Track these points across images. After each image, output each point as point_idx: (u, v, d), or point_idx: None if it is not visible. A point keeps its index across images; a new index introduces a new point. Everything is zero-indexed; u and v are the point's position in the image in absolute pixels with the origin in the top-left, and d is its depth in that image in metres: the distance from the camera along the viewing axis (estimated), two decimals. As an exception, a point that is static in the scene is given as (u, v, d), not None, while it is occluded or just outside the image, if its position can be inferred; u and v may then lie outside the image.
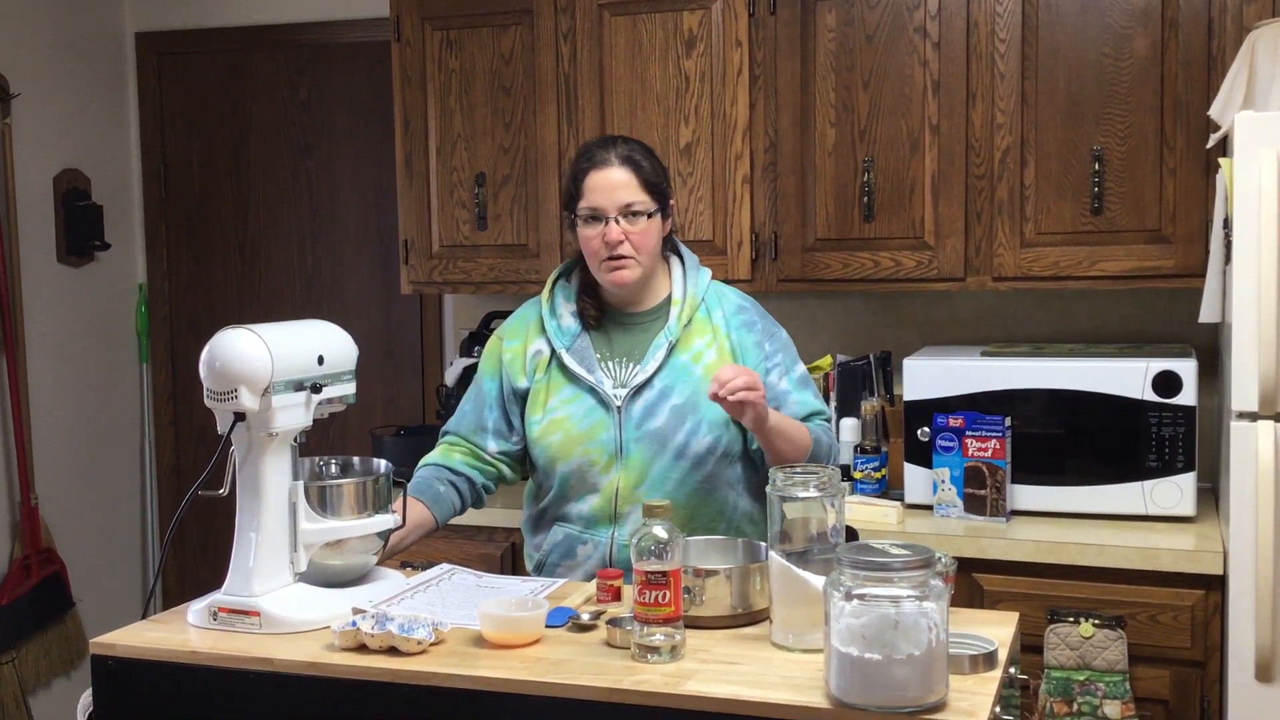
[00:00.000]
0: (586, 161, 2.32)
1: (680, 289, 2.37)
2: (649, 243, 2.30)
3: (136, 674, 1.95)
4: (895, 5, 3.09)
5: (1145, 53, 2.92)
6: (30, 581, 3.83)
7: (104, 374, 4.23)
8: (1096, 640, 2.63)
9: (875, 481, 3.12)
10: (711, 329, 2.36)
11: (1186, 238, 2.92)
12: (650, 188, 2.30)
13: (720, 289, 2.43)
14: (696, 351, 2.33)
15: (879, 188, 3.14)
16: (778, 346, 2.39)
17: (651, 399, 2.30)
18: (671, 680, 1.73)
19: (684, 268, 2.41)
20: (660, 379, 2.31)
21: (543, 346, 2.38)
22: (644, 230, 2.29)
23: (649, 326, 2.37)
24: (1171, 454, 2.83)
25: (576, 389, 2.33)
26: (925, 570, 1.62)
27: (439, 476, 2.39)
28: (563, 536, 2.36)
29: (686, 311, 2.34)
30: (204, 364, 1.99)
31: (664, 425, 2.28)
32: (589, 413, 2.31)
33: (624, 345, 2.36)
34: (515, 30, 3.41)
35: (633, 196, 2.28)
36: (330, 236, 4.17)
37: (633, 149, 2.33)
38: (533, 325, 2.41)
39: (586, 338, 2.37)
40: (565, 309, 2.40)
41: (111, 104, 4.26)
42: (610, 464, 2.30)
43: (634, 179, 2.29)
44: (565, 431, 2.32)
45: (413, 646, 1.84)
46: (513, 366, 2.40)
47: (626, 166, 2.29)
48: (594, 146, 2.35)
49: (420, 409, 4.08)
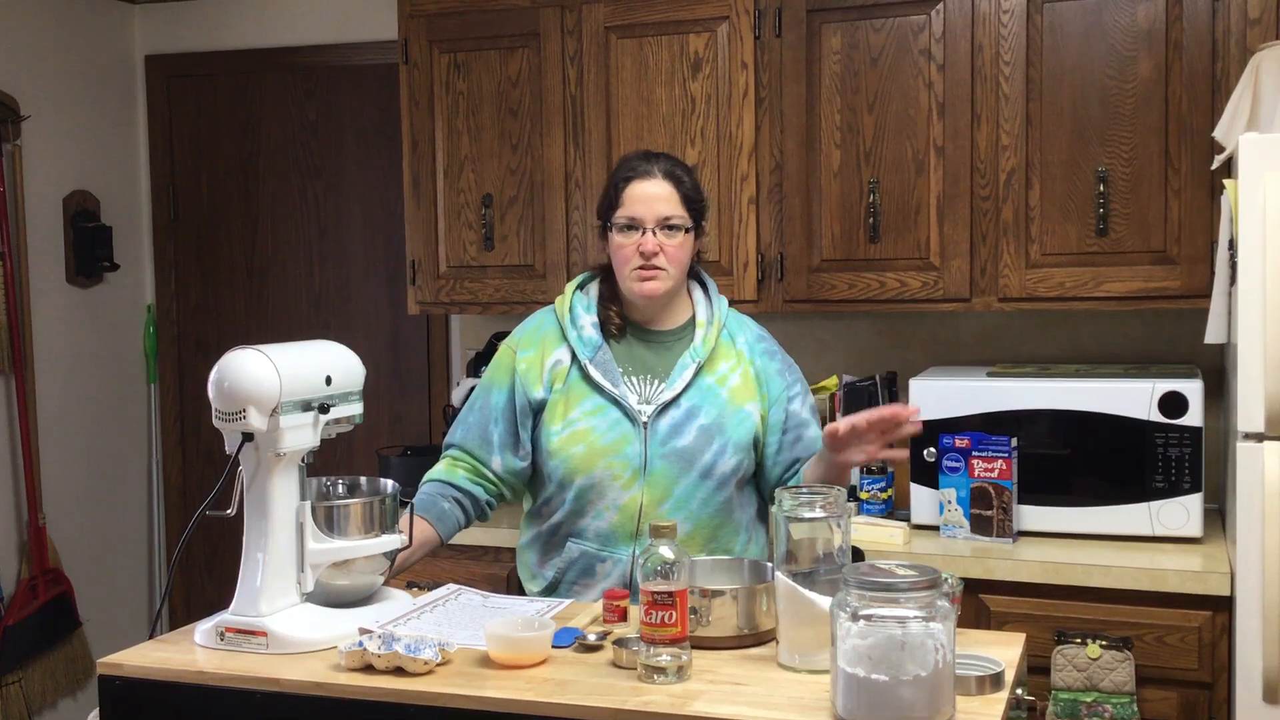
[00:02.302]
0: (630, 171, 2.34)
1: (705, 312, 2.38)
2: (682, 257, 2.31)
3: (143, 694, 1.95)
4: (900, 28, 3.11)
5: (1149, 75, 2.93)
6: (37, 601, 3.83)
7: (112, 394, 4.24)
8: (1104, 661, 2.62)
9: (881, 502, 3.11)
10: (736, 354, 2.36)
11: (1191, 259, 2.92)
12: (689, 204, 2.32)
13: (740, 317, 2.44)
14: (721, 375, 2.33)
15: (884, 209, 3.15)
16: (795, 377, 2.41)
17: (678, 418, 2.29)
18: (678, 701, 1.73)
19: (706, 293, 2.42)
20: (687, 398, 2.30)
21: (562, 356, 2.35)
22: (679, 244, 2.30)
23: (672, 345, 2.36)
24: (1178, 475, 2.83)
25: (600, 401, 2.31)
26: (932, 591, 1.62)
27: (443, 493, 2.38)
28: (579, 554, 2.33)
29: (713, 334, 2.35)
30: (212, 384, 2.00)
31: (691, 444, 2.28)
32: (613, 426, 2.29)
33: (647, 361, 2.35)
34: (522, 53, 3.43)
35: (672, 210, 2.29)
36: (338, 257, 4.19)
37: (675, 165, 2.35)
38: (549, 335, 2.38)
39: (608, 350, 2.34)
40: (585, 319, 2.37)
41: (121, 126, 4.28)
42: (633, 480, 2.28)
43: (675, 193, 2.30)
44: (589, 444, 2.29)
45: (419, 667, 1.84)
46: (528, 377, 2.36)
47: (669, 180, 2.31)
48: (637, 159, 2.37)
49: (427, 429, 4.09)
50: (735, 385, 2.33)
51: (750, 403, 2.33)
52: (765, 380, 2.36)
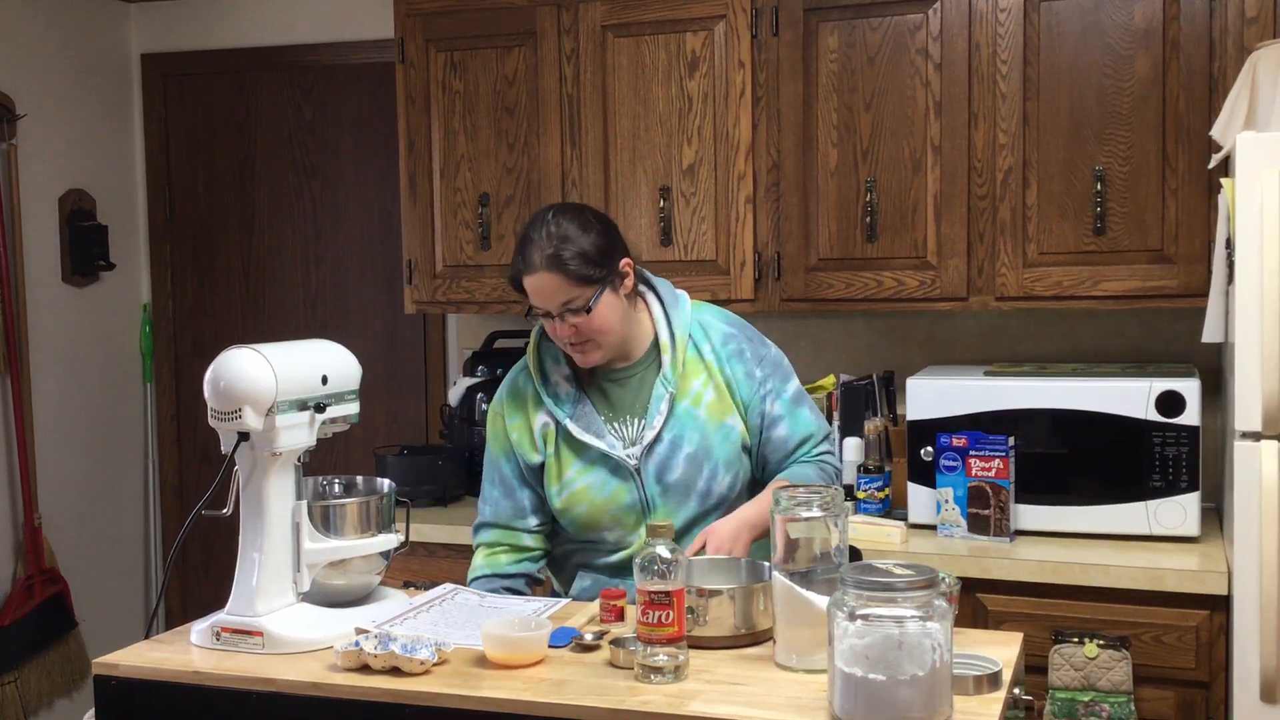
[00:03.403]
0: (519, 265, 2.23)
1: (666, 331, 2.32)
2: (604, 323, 2.22)
3: (139, 694, 1.94)
4: (897, 27, 3.10)
5: (1147, 74, 2.93)
6: (33, 601, 3.82)
7: (108, 394, 4.23)
8: (1101, 661, 2.62)
9: (879, 501, 3.11)
10: (704, 366, 2.31)
11: (1189, 258, 2.92)
12: (583, 279, 2.18)
13: (703, 319, 2.36)
14: (695, 395, 2.30)
15: (882, 208, 3.14)
16: (768, 371, 2.34)
17: (664, 452, 2.28)
18: (675, 701, 1.73)
19: (662, 304, 2.34)
20: (668, 431, 2.28)
21: (547, 419, 2.33)
22: (593, 315, 2.20)
23: (644, 376, 2.32)
24: (1175, 474, 2.83)
25: (590, 456, 2.30)
26: (929, 590, 1.62)
27: (493, 588, 2.35)
28: (591, 581, 2.36)
29: (680, 355, 2.29)
30: (208, 384, 1.99)
31: (683, 476, 2.27)
32: (607, 480, 2.29)
33: (624, 401, 2.33)
34: (519, 52, 3.42)
35: (566, 295, 2.19)
36: (334, 256, 4.18)
37: (557, 243, 2.18)
38: (530, 399, 2.35)
39: (587, 400, 2.32)
40: (557, 374, 2.34)
41: (117, 125, 4.28)
42: (638, 523, 2.30)
43: (562, 280, 2.17)
44: (589, 502, 2.30)
45: (416, 667, 1.84)
46: (521, 445, 2.35)
47: (551, 270, 2.17)
48: (526, 241, 2.22)
49: (424, 428, 4.08)
50: (711, 402, 2.30)
51: (729, 415, 2.30)
52: (735, 387, 2.31)
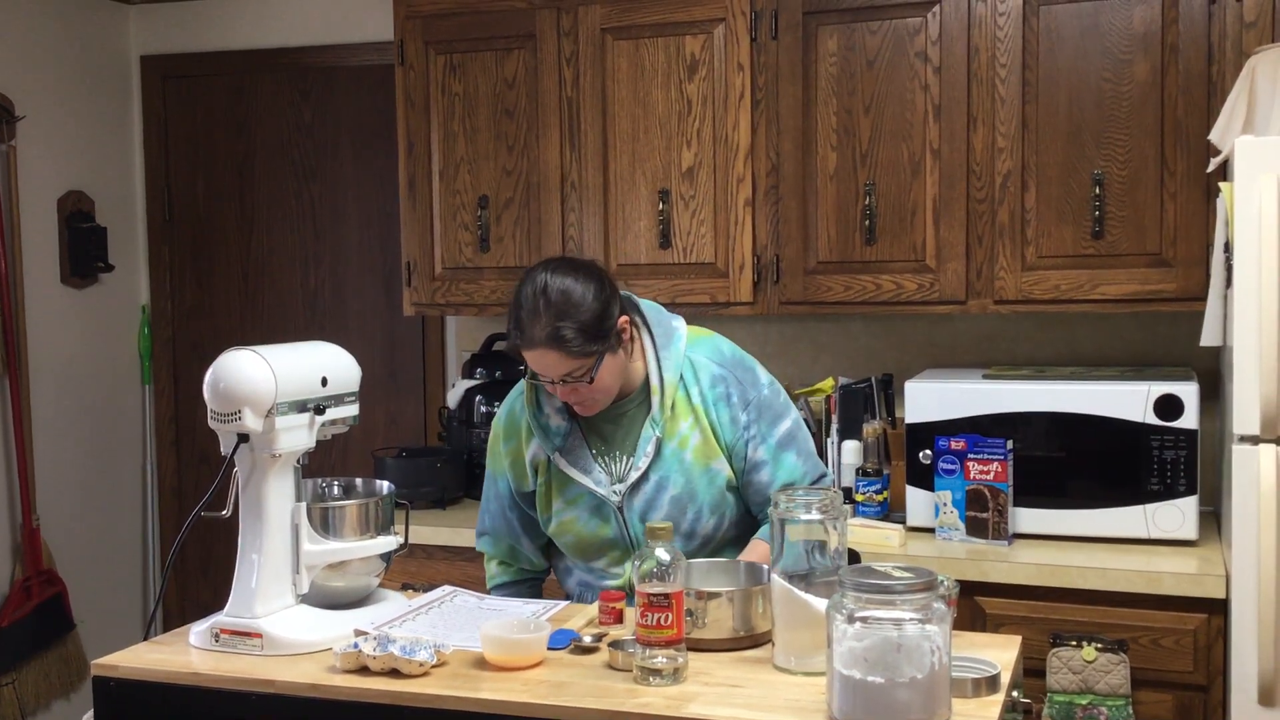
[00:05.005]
0: (519, 336, 2.19)
1: (656, 374, 2.29)
2: (604, 384, 2.22)
3: (138, 695, 1.94)
4: (896, 30, 3.11)
5: (1145, 78, 2.93)
6: (31, 603, 3.82)
7: (106, 395, 4.23)
8: (1099, 664, 2.62)
9: (877, 504, 3.11)
10: (692, 410, 2.30)
11: (1187, 261, 2.93)
12: (583, 353, 2.16)
13: (695, 359, 2.32)
14: (682, 437, 2.29)
15: (880, 211, 3.15)
16: (753, 416, 2.30)
17: (649, 492, 2.28)
18: (673, 703, 1.73)
19: (654, 345, 2.31)
20: (655, 471, 2.28)
21: (537, 450, 2.34)
22: (594, 381, 2.20)
23: (634, 415, 2.32)
24: (1173, 477, 2.83)
25: (578, 489, 2.31)
26: (928, 593, 1.62)
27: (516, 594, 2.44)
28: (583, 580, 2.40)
29: (668, 400, 2.28)
30: (208, 385, 2.00)
31: (667, 516, 2.27)
32: (592, 514, 2.31)
33: (615, 437, 2.32)
34: (518, 54, 3.43)
35: (567, 368, 2.17)
36: (333, 258, 4.18)
37: (556, 318, 2.14)
38: (524, 428, 2.36)
39: (578, 433, 2.32)
40: (549, 405, 2.33)
41: (116, 126, 4.28)
42: (623, 557, 2.32)
43: (561, 356, 2.15)
44: (575, 534, 2.33)
45: (415, 668, 1.84)
46: (515, 471, 2.38)
47: (550, 347, 2.15)
48: (522, 316, 2.18)
49: (423, 430, 4.08)
50: (697, 445, 2.29)
51: (715, 459, 2.29)
52: (720, 432, 2.30)
